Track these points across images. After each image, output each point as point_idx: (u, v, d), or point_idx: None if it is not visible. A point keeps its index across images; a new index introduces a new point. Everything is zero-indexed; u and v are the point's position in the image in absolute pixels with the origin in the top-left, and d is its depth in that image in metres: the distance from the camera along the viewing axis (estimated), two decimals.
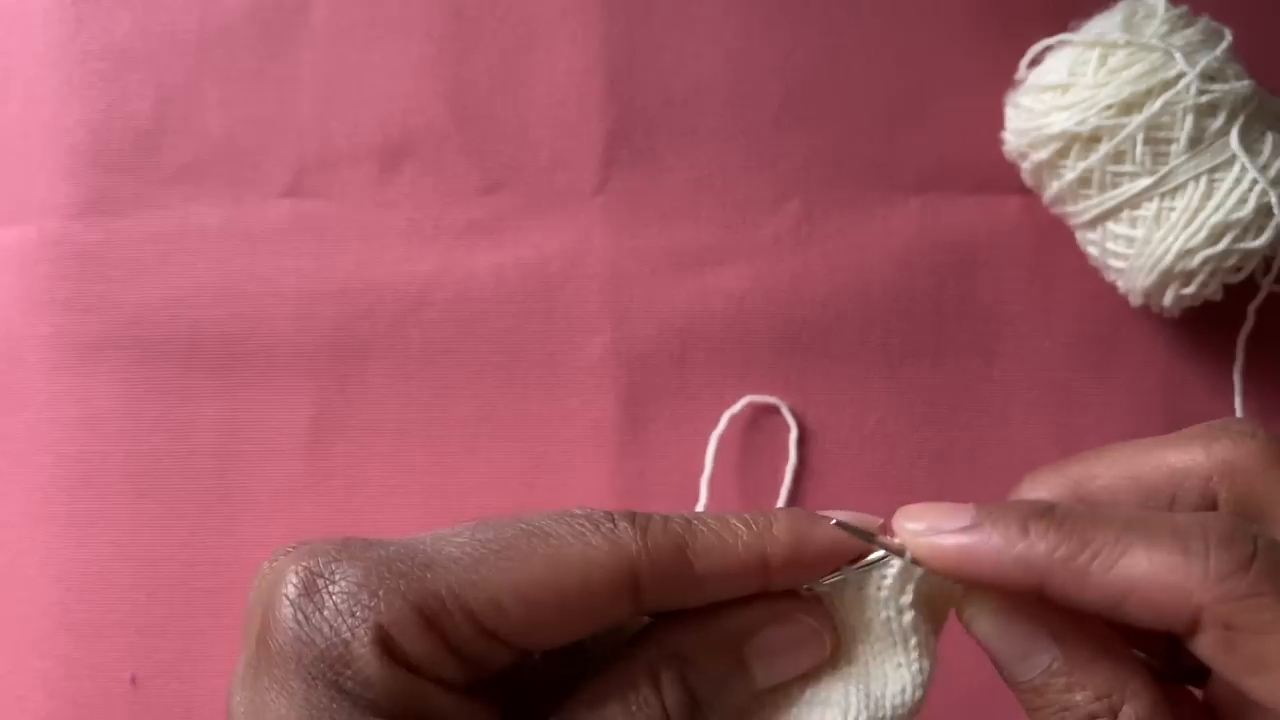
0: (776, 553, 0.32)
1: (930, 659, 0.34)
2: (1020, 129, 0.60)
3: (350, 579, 0.29)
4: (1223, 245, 0.56)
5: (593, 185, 0.65)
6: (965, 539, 0.32)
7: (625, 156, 0.65)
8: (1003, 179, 0.63)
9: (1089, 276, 0.63)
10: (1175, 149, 0.57)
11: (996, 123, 0.62)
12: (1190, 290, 0.58)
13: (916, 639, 0.34)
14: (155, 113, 0.65)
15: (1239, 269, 0.58)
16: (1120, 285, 0.61)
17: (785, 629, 0.33)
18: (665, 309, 0.64)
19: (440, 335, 0.64)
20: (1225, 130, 0.56)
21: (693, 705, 0.32)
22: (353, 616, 0.29)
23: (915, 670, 0.33)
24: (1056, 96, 0.59)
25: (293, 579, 0.30)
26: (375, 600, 0.29)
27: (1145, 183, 0.57)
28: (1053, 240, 0.64)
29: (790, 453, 0.62)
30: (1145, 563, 0.30)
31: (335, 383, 0.63)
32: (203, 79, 0.66)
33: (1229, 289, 0.59)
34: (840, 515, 0.34)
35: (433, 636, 0.29)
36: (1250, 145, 0.57)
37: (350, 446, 0.63)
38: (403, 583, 0.29)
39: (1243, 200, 0.56)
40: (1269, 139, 0.57)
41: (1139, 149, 0.57)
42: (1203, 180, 0.56)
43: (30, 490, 0.63)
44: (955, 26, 0.65)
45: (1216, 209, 0.56)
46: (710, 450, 0.61)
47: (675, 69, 0.65)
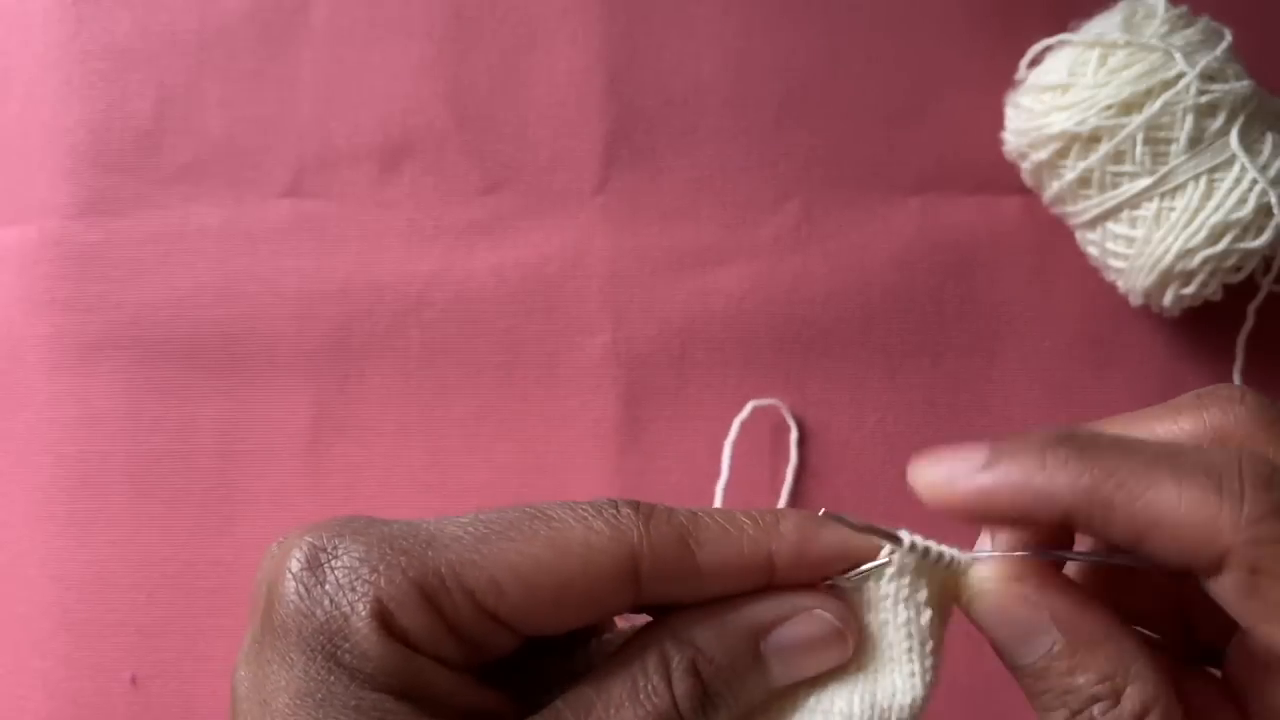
0: (781, 550, 0.32)
1: (939, 659, 0.33)
2: (1020, 129, 0.60)
3: (352, 554, 0.30)
4: (1222, 245, 0.56)
5: (593, 185, 0.65)
6: (984, 479, 0.31)
7: (625, 156, 0.65)
8: (1003, 179, 0.63)
9: (1089, 276, 0.63)
10: (1175, 149, 0.56)
11: (996, 123, 0.62)
12: (1190, 290, 0.58)
13: (935, 643, 0.33)
14: (155, 113, 0.65)
15: (1239, 269, 0.58)
16: (1120, 285, 0.61)
17: (807, 624, 0.32)
18: (665, 309, 0.64)
19: (440, 335, 0.64)
20: (1225, 130, 0.56)
21: (704, 698, 0.31)
22: (353, 591, 0.29)
23: (927, 667, 0.32)
24: (1056, 96, 0.58)
25: (298, 554, 0.30)
26: (375, 575, 0.29)
27: (1145, 183, 0.57)
28: (1053, 240, 0.64)
29: (790, 453, 0.62)
30: (1174, 496, 0.29)
31: (335, 383, 0.63)
32: (203, 79, 0.66)
33: (1229, 289, 0.59)
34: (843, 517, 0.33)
35: (431, 613, 0.29)
36: (1250, 145, 0.57)
37: (350, 446, 0.63)
38: (404, 559, 0.29)
39: (1242, 200, 0.56)
40: (1269, 139, 0.57)
41: (1139, 149, 0.57)
42: (1202, 180, 0.56)
43: (30, 490, 0.63)
44: (955, 26, 0.65)
45: (1216, 209, 0.56)
46: (725, 456, 0.61)
47: (675, 69, 0.65)
